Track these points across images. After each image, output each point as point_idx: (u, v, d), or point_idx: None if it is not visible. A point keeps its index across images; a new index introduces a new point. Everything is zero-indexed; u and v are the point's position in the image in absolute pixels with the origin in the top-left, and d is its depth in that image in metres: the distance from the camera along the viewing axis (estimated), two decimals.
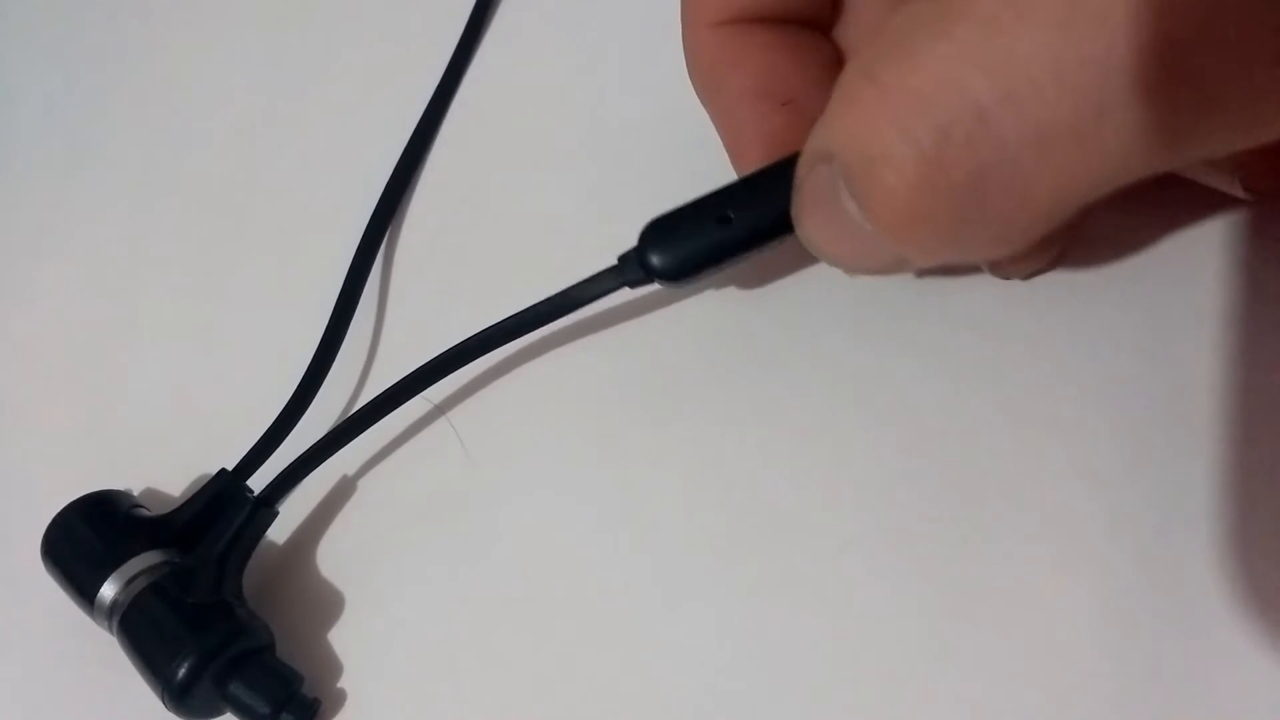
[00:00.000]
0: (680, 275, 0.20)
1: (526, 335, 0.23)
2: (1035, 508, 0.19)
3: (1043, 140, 0.13)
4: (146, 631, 0.21)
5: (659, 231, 0.20)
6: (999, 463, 0.19)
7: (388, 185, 0.28)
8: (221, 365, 0.28)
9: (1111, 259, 0.14)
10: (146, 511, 0.24)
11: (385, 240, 0.28)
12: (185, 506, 0.23)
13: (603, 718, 0.20)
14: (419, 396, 0.23)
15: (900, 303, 0.21)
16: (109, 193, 0.33)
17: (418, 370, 0.23)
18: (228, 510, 0.22)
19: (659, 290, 0.23)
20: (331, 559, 0.24)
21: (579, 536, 0.22)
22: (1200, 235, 0.19)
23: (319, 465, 0.23)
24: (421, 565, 0.23)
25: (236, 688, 0.21)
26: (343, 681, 0.22)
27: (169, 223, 0.31)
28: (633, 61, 0.27)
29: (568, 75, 0.28)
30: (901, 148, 0.14)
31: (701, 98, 0.20)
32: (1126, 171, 0.13)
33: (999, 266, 0.19)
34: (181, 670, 0.20)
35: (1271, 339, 0.18)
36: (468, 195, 0.28)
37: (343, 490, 0.25)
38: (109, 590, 0.22)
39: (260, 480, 0.23)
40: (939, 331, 0.20)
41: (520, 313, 0.22)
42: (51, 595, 0.24)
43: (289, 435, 0.24)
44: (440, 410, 0.25)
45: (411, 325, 0.27)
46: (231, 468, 0.24)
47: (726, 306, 0.23)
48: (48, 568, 0.23)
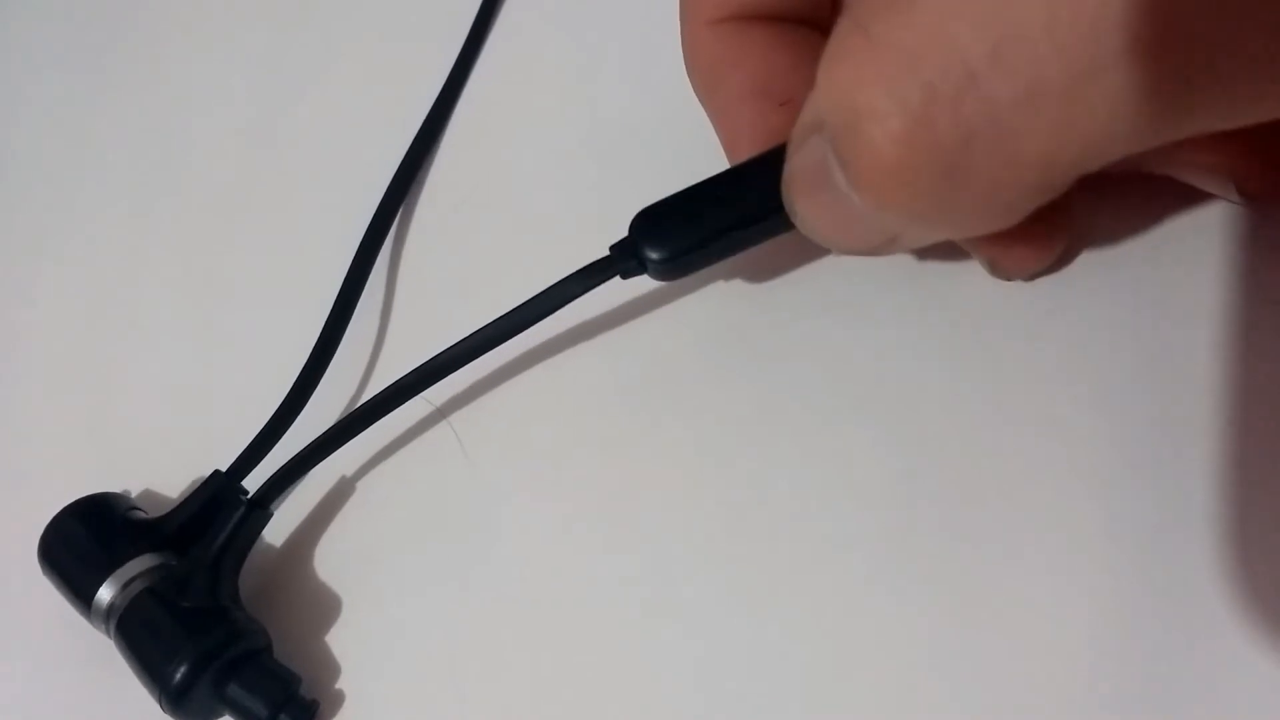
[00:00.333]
0: (673, 264, 0.19)
1: (526, 335, 0.23)
2: (1035, 507, 0.18)
3: (1032, 100, 0.12)
4: (143, 635, 0.21)
5: (650, 220, 0.19)
6: (999, 462, 0.19)
7: (390, 186, 0.28)
8: (221, 366, 0.28)
9: (1111, 260, 0.14)
10: (143, 514, 0.24)
11: (386, 240, 0.27)
12: (180, 509, 0.23)
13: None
14: (418, 397, 0.23)
15: (901, 302, 0.21)
16: (108, 193, 0.33)
17: (414, 372, 0.22)
18: (222, 512, 0.22)
19: (656, 288, 0.23)
20: (329, 560, 0.24)
21: (578, 537, 0.22)
22: (1199, 238, 0.19)
23: (314, 466, 0.23)
24: (419, 566, 0.23)
25: (234, 690, 0.21)
26: (341, 682, 0.22)
27: (168, 223, 0.31)
28: (635, 61, 0.26)
29: (569, 76, 0.28)
30: (888, 104, 0.13)
31: (700, 96, 0.20)
32: (1116, 140, 0.13)
33: (999, 267, 0.19)
34: (178, 674, 0.20)
35: (1270, 339, 0.18)
36: (470, 196, 0.27)
37: (341, 491, 0.25)
38: (106, 593, 0.22)
39: (256, 481, 0.23)
40: (940, 331, 0.20)
41: (514, 309, 0.22)
42: (50, 597, 0.23)
43: (285, 436, 0.24)
44: (440, 412, 0.25)
45: (411, 326, 0.27)
46: (226, 468, 0.24)
47: (726, 306, 0.23)
48: (45, 570, 0.23)
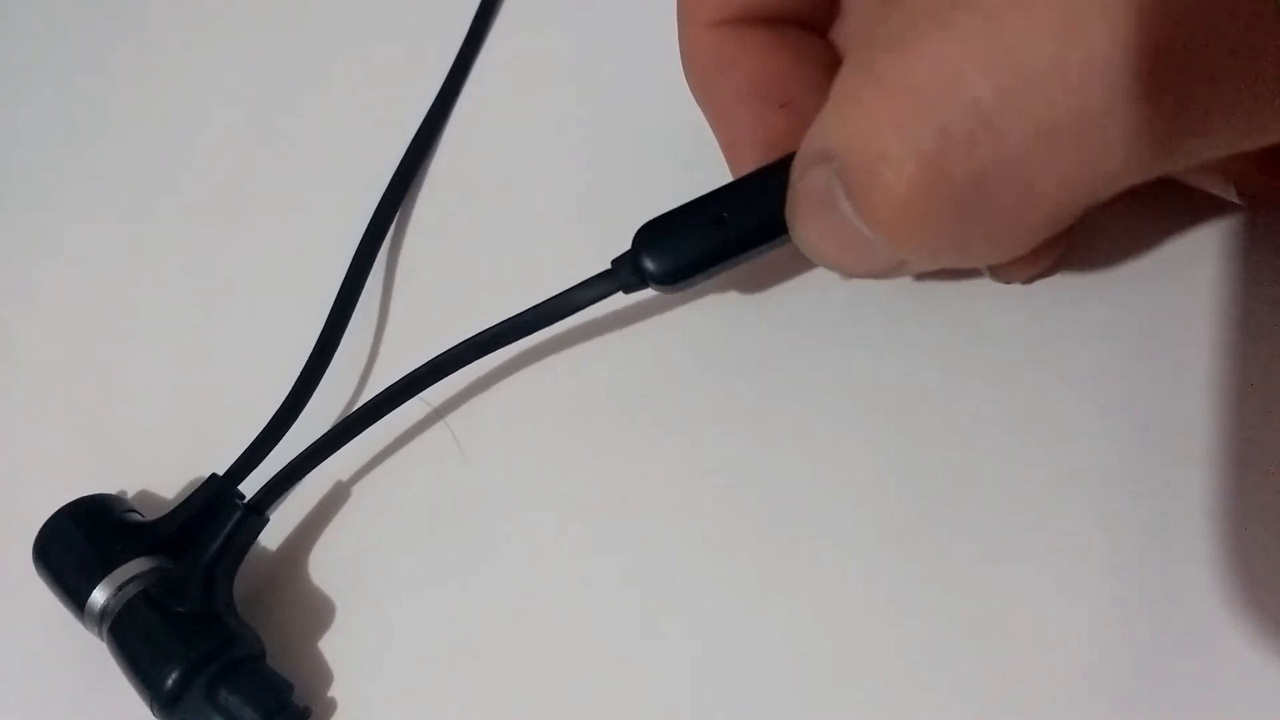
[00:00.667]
0: (674, 280, 0.20)
1: (523, 339, 0.23)
2: (1034, 509, 0.18)
3: (1045, 140, 0.12)
4: (136, 640, 0.21)
5: (652, 235, 0.19)
6: (998, 464, 0.19)
7: (388, 188, 0.28)
8: (219, 367, 0.28)
9: (1109, 262, 0.14)
10: (139, 516, 0.24)
11: (385, 242, 0.27)
12: (176, 512, 0.23)
13: None
14: (418, 399, 0.23)
15: (899, 305, 0.21)
16: (108, 193, 0.33)
17: (411, 375, 0.22)
18: (218, 516, 0.22)
19: (654, 294, 0.23)
20: (324, 565, 0.24)
21: (576, 539, 0.22)
22: (1196, 239, 0.19)
23: (311, 470, 0.23)
24: (415, 572, 0.23)
25: (226, 697, 0.21)
26: (333, 690, 0.22)
27: (167, 223, 0.31)
28: (633, 62, 0.26)
29: (568, 76, 0.27)
30: (901, 147, 0.13)
31: (698, 99, 0.20)
32: (1130, 173, 0.13)
33: (998, 271, 0.19)
34: (170, 679, 0.20)
35: (1268, 340, 0.18)
36: (468, 196, 0.27)
37: (337, 495, 0.25)
38: (99, 596, 0.22)
39: (254, 485, 0.23)
40: (938, 334, 0.20)
41: (513, 317, 0.22)
42: (44, 598, 0.23)
43: (283, 439, 0.24)
44: (437, 413, 0.24)
45: (410, 329, 0.27)
46: (223, 472, 0.24)
47: (725, 309, 0.22)
48: (39, 572, 0.23)
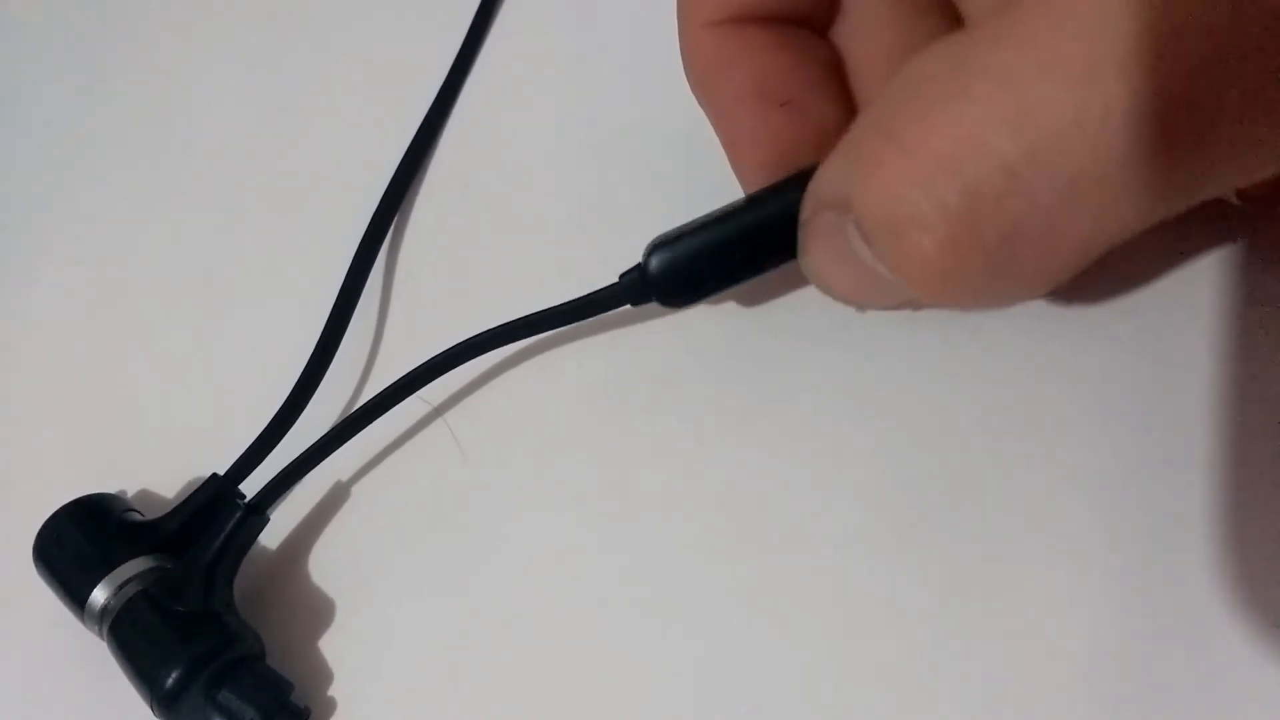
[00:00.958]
0: (682, 300, 0.20)
1: (525, 338, 0.23)
2: (1034, 510, 0.18)
3: (1071, 193, 0.13)
4: (136, 639, 0.21)
5: (661, 254, 0.19)
6: (998, 466, 0.19)
7: (388, 188, 0.28)
8: (219, 367, 0.28)
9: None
10: (139, 516, 0.24)
11: (385, 243, 0.27)
12: (177, 511, 0.23)
13: None
14: (417, 399, 0.23)
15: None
16: (108, 193, 0.33)
17: (409, 374, 0.22)
18: (219, 516, 0.22)
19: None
20: (324, 565, 0.24)
21: (576, 539, 0.22)
22: (1197, 241, 0.19)
23: (311, 470, 0.23)
24: (415, 571, 0.23)
25: (226, 696, 0.21)
26: (333, 689, 0.22)
27: (167, 224, 0.31)
28: (633, 62, 0.26)
29: (568, 76, 0.27)
30: (931, 209, 0.14)
31: (699, 99, 0.20)
32: (1154, 216, 0.13)
33: None
34: (170, 678, 0.20)
35: (1267, 341, 0.18)
36: (468, 197, 0.27)
37: (337, 495, 0.25)
38: (99, 595, 0.22)
39: (255, 484, 0.23)
40: (937, 335, 0.20)
41: (517, 319, 0.22)
42: (44, 597, 0.23)
43: (283, 439, 0.24)
44: (436, 412, 0.24)
45: (411, 329, 0.27)
46: (224, 472, 0.24)
47: (726, 310, 0.22)
48: (39, 571, 0.23)
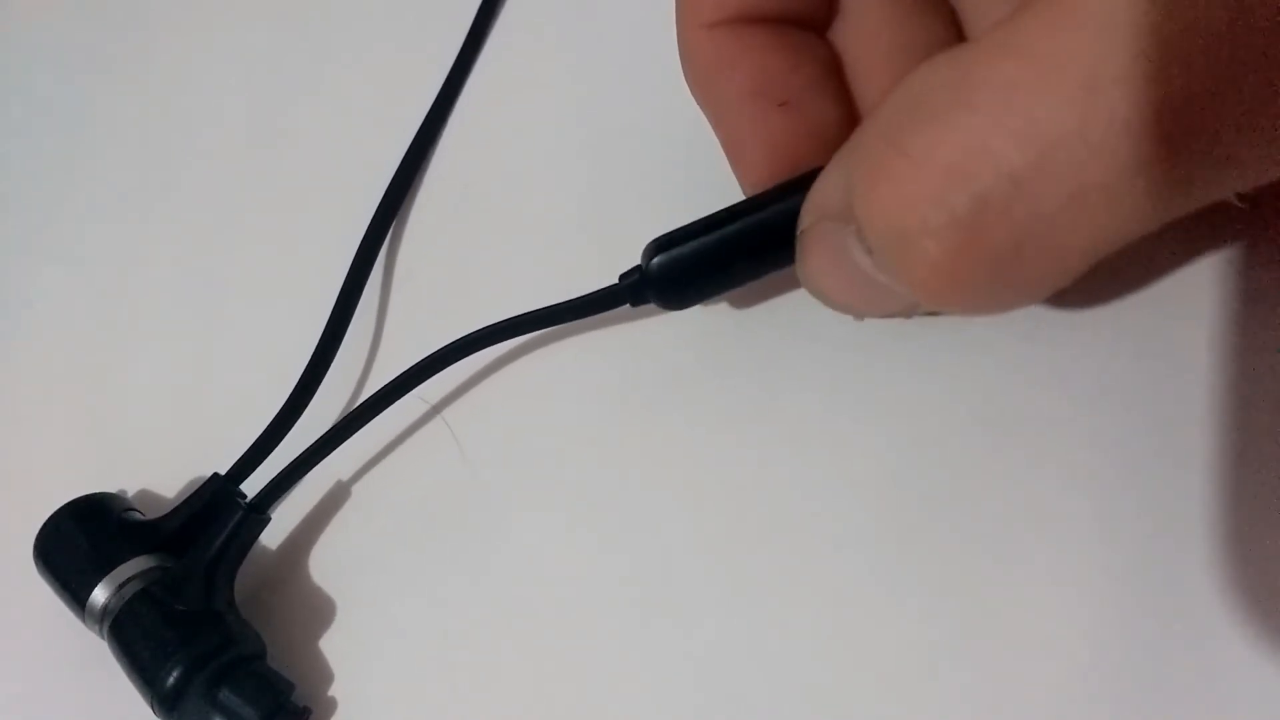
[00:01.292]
0: (681, 302, 0.20)
1: (525, 335, 0.23)
2: (1032, 510, 0.19)
3: (1077, 200, 0.13)
4: (137, 638, 0.21)
5: (660, 255, 0.19)
6: (996, 466, 0.19)
7: (388, 188, 0.28)
8: (220, 366, 0.28)
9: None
10: (139, 515, 0.24)
11: (385, 243, 0.27)
12: (178, 511, 0.23)
13: None
14: (417, 398, 0.23)
15: None
16: (108, 192, 0.33)
17: (409, 370, 0.22)
18: (220, 515, 0.22)
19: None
20: (325, 564, 0.24)
21: (577, 538, 0.22)
22: (1196, 240, 0.19)
23: (312, 469, 0.23)
24: (416, 570, 0.23)
25: (226, 696, 0.21)
26: (334, 689, 0.22)
27: (167, 223, 0.31)
28: (633, 63, 0.26)
29: (568, 77, 0.27)
30: (940, 219, 0.14)
31: (698, 99, 0.20)
32: (1157, 221, 0.13)
33: None
34: (170, 678, 0.20)
35: (1266, 340, 0.18)
36: (469, 197, 0.27)
37: (337, 495, 0.25)
38: (100, 595, 0.22)
39: (255, 484, 0.23)
40: (937, 335, 0.20)
41: (516, 316, 0.22)
42: (45, 597, 0.23)
43: (284, 439, 0.24)
44: (435, 410, 0.24)
45: (411, 329, 0.27)
46: (225, 471, 0.24)
47: (725, 310, 0.22)
48: (40, 570, 0.23)
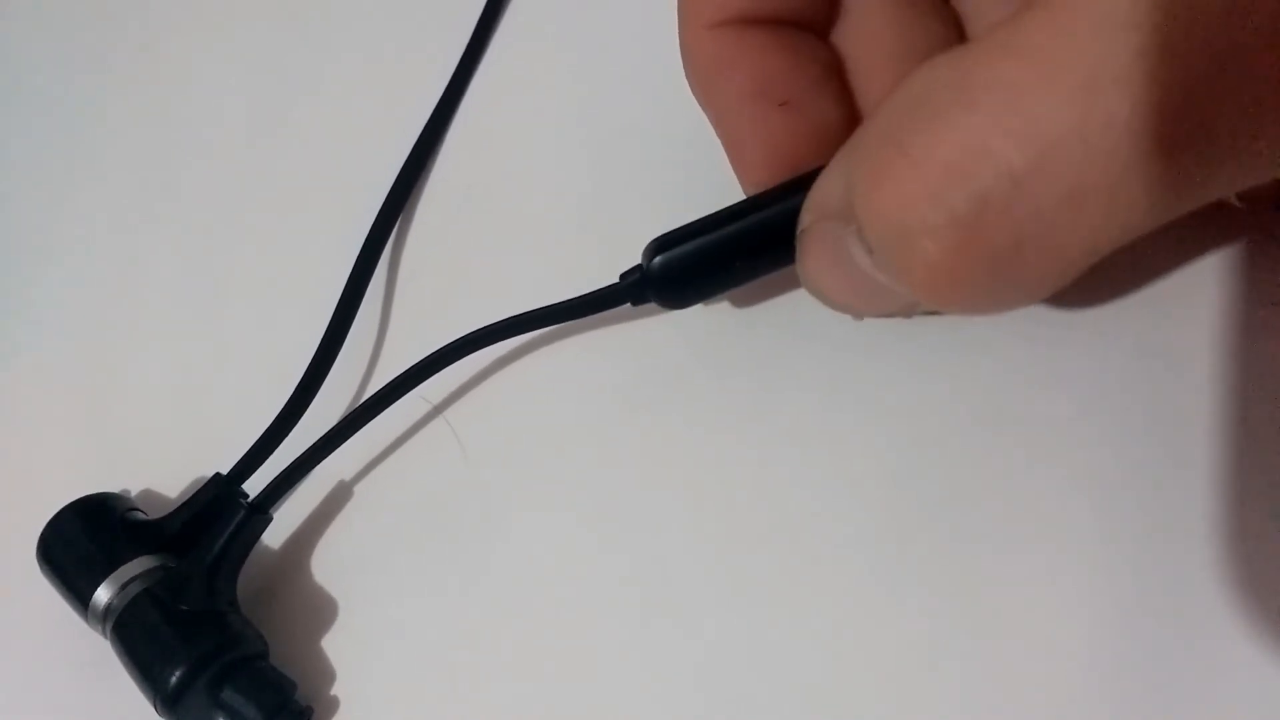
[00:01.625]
0: (681, 301, 0.20)
1: (526, 335, 0.23)
2: (1032, 510, 0.19)
3: (1075, 200, 0.13)
4: (139, 638, 0.21)
5: (661, 254, 0.19)
6: (996, 465, 0.19)
7: (391, 189, 0.28)
8: (222, 366, 0.28)
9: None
10: (142, 515, 0.24)
11: (388, 244, 0.27)
12: (180, 511, 0.23)
13: None
14: (418, 398, 0.23)
15: None
16: (108, 192, 0.33)
17: (410, 368, 0.23)
18: (222, 515, 0.22)
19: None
20: (327, 564, 0.24)
21: (578, 538, 0.22)
22: (1196, 239, 0.19)
23: (313, 469, 0.23)
24: (418, 570, 0.23)
25: (229, 695, 0.21)
26: (336, 688, 0.22)
27: (169, 223, 0.31)
28: (637, 64, 0.26)
29: (572, 79, 0.27)
30: (940, 218, 0.14)
31: (699, 100, 0.20)
32: (1156, 221, 0.14)
33: None
34: (173, 678, 0.20)
35: (1266, 341, 0.18)
36: (472, 198, 0.27)
37: (339, 494, 0.25)
38: (103, 595, 0.22)
39: (257, 484, 0.23)
40: (938, 335, 0.20)
41: (517, 315, 0.22)
42: (48, 596, 0.24)
43: (286, 439, 0.24)
44: (436, 409, 0.24)
45: (414, 329, 0.27)
46: (227, 471, 0.24)
47: (725, 310, 0.22)
48: (43, 570, 0.23)
